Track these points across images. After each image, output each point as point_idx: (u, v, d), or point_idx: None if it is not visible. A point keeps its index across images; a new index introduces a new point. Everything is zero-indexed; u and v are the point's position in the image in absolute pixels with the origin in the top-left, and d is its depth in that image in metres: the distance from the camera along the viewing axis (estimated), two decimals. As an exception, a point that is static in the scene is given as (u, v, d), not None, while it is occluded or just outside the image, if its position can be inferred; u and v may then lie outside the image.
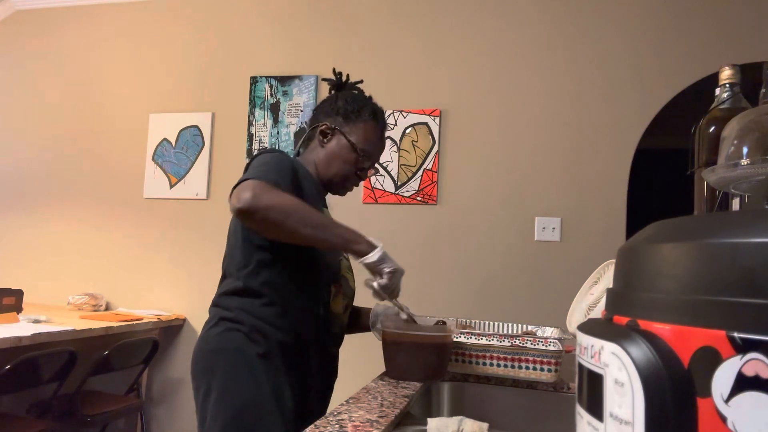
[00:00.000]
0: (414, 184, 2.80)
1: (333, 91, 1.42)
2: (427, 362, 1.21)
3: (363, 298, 1.51)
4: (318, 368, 1.26)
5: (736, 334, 0.27)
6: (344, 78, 1.42)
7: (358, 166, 1.33)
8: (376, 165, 1.41)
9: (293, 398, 1.19)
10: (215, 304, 1.24)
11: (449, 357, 1.30)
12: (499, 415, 1.27)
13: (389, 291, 1.15)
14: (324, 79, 1.45)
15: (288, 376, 1.18)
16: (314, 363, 1.24)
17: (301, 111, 3.00)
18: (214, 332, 1.20)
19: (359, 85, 1.43)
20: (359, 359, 2.18)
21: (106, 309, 3.10)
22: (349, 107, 1.33)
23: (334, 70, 1.43)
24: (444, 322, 1.32)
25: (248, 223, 1.08)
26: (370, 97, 1.39)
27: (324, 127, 1.33)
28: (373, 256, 1.10)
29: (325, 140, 1.33)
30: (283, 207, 1.04)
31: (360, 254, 1.11)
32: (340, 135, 1.31)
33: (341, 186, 1.35)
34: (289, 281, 1.20)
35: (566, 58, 2.69)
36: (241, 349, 1.16)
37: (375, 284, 1.14)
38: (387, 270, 1.12)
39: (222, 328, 1.20)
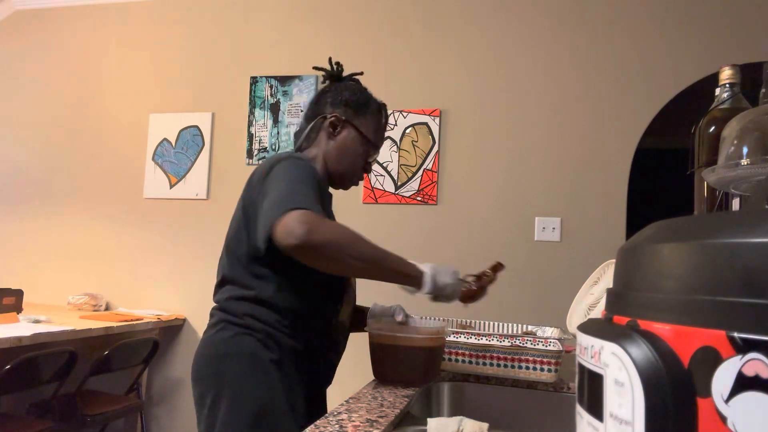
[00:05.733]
0: (414, 184, 2.80)
1: (327, 82, 1.37)
2: (412, 366, 1.17)
3: (365, 298, 1.51)
4: (320, 374, 1.27)
5: (736, 334, 0.27)
6: (338, 69, 1.37)
7: (366, 159, 1.31)
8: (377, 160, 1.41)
9: (303, 403, 1.18)
10: (221, 309, 1.19)
11: (439, 361, 1.27)
12: (499, 415, 1.27)
13: (450, 300, 1.20)
14: (316, 68, 1.40)
15: (299, 382, 1.18)
16: (320, 369, 1.25)
17: (301, 111, 3.00)
18: (221, 336, 1.16)
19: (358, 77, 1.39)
20: (359, 360, 2.17)
21: (106, 309, 3.10)
22: (356, 98, 1.29)
23: (330, 60, 1.38)
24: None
25: (302, 259, 1.02)
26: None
27: (333, 118, 1.27)
28: (426, 285, 1.13)
29: (334, 132, 1.28)
30: (338, 242, 1.00)
31: (416, 286, 1.14)
32: (351, 127, 1.27)
33: (349, 180, 1.32)
34: (301, 292, 1.17)
35: (567, 59, 2.69)
36: (256, 354, 1.13)
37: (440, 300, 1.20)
38: (446, 293, 1.16)
39: (231, 332, 1.15)
